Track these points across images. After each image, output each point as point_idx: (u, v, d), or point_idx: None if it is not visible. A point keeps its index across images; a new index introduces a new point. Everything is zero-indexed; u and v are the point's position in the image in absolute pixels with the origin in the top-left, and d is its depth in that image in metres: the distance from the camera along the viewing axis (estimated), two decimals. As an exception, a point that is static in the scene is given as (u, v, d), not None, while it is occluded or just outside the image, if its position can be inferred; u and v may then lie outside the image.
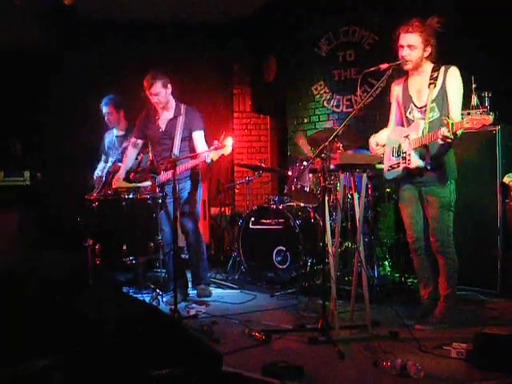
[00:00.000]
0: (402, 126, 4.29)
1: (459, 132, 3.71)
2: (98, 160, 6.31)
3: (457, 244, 4.19)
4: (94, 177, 6.18)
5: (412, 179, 4.17)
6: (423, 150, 3.97)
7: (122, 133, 6.12)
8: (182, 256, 5.86)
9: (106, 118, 6.12)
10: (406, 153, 4.09)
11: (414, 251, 4.31)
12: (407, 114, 4.24)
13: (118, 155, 5.92)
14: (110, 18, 7.84)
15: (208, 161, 4.82)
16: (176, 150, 5.16)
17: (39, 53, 7.55)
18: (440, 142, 3.84)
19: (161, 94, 5.18)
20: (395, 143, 4.22)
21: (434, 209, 4.12)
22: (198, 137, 5.26)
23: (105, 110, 6.08)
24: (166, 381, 2.63)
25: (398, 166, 4.17)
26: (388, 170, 4.29)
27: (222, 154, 4.83)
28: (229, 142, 4.79)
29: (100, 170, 6.19)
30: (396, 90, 4.39)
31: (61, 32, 7.46)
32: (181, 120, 5.25)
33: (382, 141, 4.40)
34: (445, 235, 4.11)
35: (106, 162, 6.17)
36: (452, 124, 3.67)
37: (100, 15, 7.71)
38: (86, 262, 4.65)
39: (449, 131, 3.68)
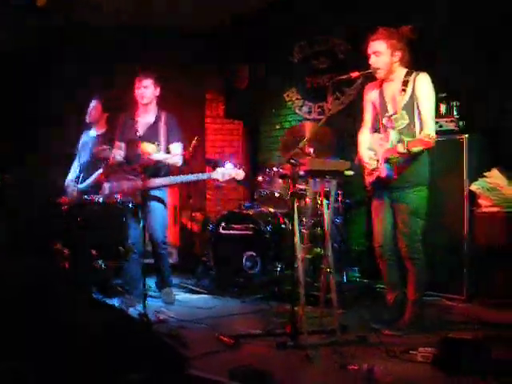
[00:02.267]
0: (378, 132, 4.34)
1: (414, 149, 3.80)
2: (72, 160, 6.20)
3: (424, 250, 4.24)
4: (66, 181, 6.03)
5: (385, 185, 4.22)
6: (392, 162, 4.03)
7: (97, 133, 6.05)
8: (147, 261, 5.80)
9: (89, 111, 6.06)
10: (378, 161, 4.14)
11: (380, 256, 4.34)
12: (383, 121, 4.27)
13: (89, 157, 5.86)
14: (84, 21, 7.81)
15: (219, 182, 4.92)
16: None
17: (21, 56, 7.49)
18: (396, 156, 3.92)
19: (149, 88, 5.25)
20: (373, 150, 4.27)
21: (402, 214, 4.17)
22: (178, 148, 5.28)
23: (92, 103, 6.05)
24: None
25: (374, 173, 4.21)
26: (367, 175, 4.34)
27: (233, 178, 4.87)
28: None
29: (72, 173, 6.05)
30: (372, 95, 4.41)
31: (47, 36, 7.41)
32: (162, 127, 5.25)
33: (368, 152, 4.36)
34: (413, 241, 4.16)
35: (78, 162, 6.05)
36: (408, 142, 3.79)
37: (74, 18, 7.67)
38: (54, 266, 4.61)
39: (404, 148, 3.79)
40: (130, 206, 4.90)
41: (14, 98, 7.28)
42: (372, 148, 4.30)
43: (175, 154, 5.19)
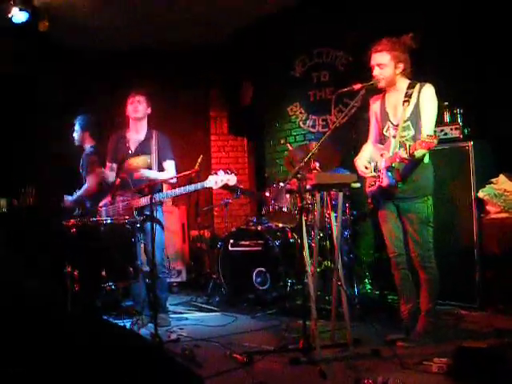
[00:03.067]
0: (381, 142, 4.34)
1: (417, 153, 3.77)
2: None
3: (436, 259, 4.22)
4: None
5: (389, 196, 4.21)
6: (394, 170, 4.03)
7: (89, 150, 6.04)
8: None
9: (73, 136, 6.15)
10: (380, 171, 4.14)
11: (396, 266, 4.32)
12: (384, 131, 4.29)
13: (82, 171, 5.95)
14: (86, 44, 7.89)
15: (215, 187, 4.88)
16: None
17: (12, 76, 7.57)
18: (398, 162, 3.91)
19: (142, 103, 5.31)
20: (374, 161, 4.27)
21: (412, 224, 4.16)
22: (170, 166, 5.31)
23: (75, 128, 6.14)
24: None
25: (375, 184, 4.22)
26: (369, 187, 4.34)
27: (226, 183, 4.86)
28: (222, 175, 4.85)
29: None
30: (374, 106, 4.44)
31: (35, 56, 7.48)
32: (153, 145, 5.28)
33: (366, 160, 4.38)
34: (425, 250, 4.15)
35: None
36: (409, 146, 3.76)
37: (77, 42, 7.76)
38: (65, 289, 4.60)
39: (406, 153, 3.77)
40: (139, 225, 4.90)
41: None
42: (372, 159, 4.31)
43: (170, 171, 5.22)
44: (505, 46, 5.40)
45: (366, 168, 4.31)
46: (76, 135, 6.13)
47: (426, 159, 4.13)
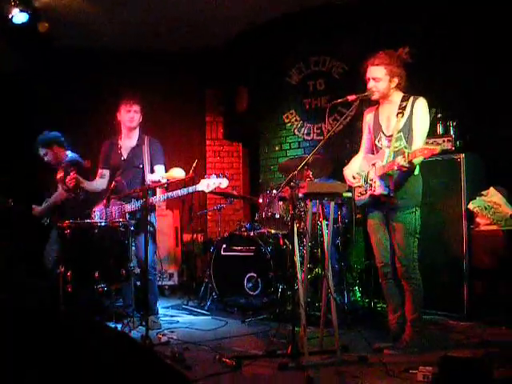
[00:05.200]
0: (373, 153, 4.40)
1: (416, 160, 3.82)
2: None
3: (424, 269, 4.28)
4: None
5: (378, 206, 4.27)
6: (387, 178, 4.08)
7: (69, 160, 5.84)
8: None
9: (47, 160, 5.90)
10: (372, 180, 4.20)
11: (384, 276, 4.37)
12: (376, 142, 4.34)
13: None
14: (80, 45, 7.94)
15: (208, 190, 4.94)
16: (148, 180, 5.23)
17: (12, 77, 7.59)
18: (396, 169, 3.95)
19: (138, 113, 5.38)
20: (365, 171, 4.33)
21: (399, 235, 4.21)
22: (161, 171, 5.36)
23: (41, 153, 5.88)
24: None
25: (366, 193, 4.27)
26: (358, 197, 4.39)
27: (218, 187, 4.92)
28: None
29: None
30: (368, 117, 4.49)
31: (34, 58, 7.50)
32: (145, 150, 5.33)
33: (355, 170, 4.43)
34: (410, 261, 4.19)
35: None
36: (408, 153, 3.80)
37: (70, 42, 7.79)
38: (57, 289, 4.64)
39: (405, 160, 3.80)
40: (132, 228, 4.95)
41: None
42: (362, 169, 4.36)
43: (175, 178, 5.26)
44: (499, 59, 5.49)
45: (354, 178, 4.36)
46: (49, 158, 5.88)
47: (416, 171, 4.18)
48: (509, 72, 5.43)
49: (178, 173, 5.08)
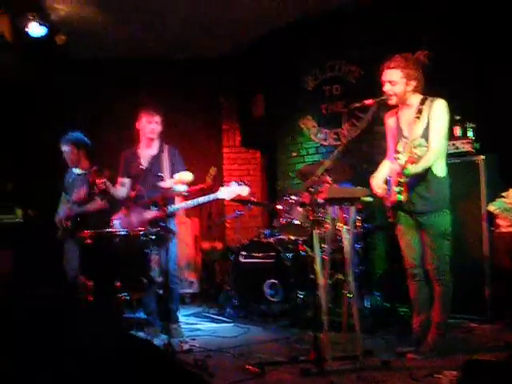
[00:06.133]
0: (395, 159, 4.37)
1: (407, 171, 3.87)
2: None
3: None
4: (56, 218, 5.89)
5: (408, 209, 4.24)
6: (402, 184, 4.05)
7: (82, 171, 5.80)
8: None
9: (65, 156, 5.84)
10: (386, 188, 4.20)
11: (412, 277, 4.34)
12: (398, 147, 4.30)
13: (78, 193, 5.72)
14: (96, 54, 8.04)
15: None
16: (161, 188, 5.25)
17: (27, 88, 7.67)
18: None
19: (159, 124, 5.40)
20: (390, 177, 4.30)
21: (430, 237, 4.20)
22: (187, 177, 5.38)
23: (64, 148, 5.82)
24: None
25: (390, 198, 4.24)
26: (386, 203, 4.35)
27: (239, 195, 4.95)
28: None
29: (62, 209, 5.90)
30: (389, 122, 4.47)
31: (50, 69, 7.59)
32: (165, 158, 5.36)
33: (381, 178, 4.37)
34: (442, 263, 4.19)
35: (67, 200, 5.92)
36: (405, 161, 3.88)
37: (87, 53, 7.89)
38: (79, 299, 4.67)
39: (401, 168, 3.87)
40: (153, 237, 4.97)
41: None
42: (389, 175, 4.34)
43: (184, 181, 5.29)
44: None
45: (379, 188, 4.31)
46: (70, 156, 5.81)
47: (442, 173, 4.17)
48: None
49: (185, 176, 5.11)
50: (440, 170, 4.18)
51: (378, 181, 4.35)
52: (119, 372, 2.78)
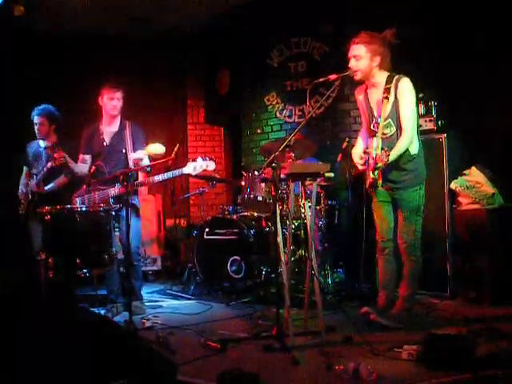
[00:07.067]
0: (369, 136, 4.33)
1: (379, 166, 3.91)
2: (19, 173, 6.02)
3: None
4: (19, 192, 5.87)
5: (384, 183, 4.23)
6: (377, 170, 4.02)
7: (48, 144, 5.76)
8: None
9: (36, 128, 5.77)
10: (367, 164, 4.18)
11: (381, 251, 4.39)
12: (371, 127, 4.33)
13: (43, 168, 5.58)
14: (59, 29, 7.81)
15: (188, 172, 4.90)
16: (131, 164, 5.19)
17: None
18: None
19: (121, 100, 5.32)
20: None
21: (403, 212, 4.25)
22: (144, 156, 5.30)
23: (36, 119, 5.75)
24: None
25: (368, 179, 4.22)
26: (366, 177, 4.33)
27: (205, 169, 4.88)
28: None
29: (23, 184, 5.88)
30: (359, 97, 4.47)
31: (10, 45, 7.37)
32: (128, 135, 5.28)
33: (361, 152, 4.35)
34: (412, 238, 4.24)
35: (29, 174, 5.88)
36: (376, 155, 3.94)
37: (46, 27, 7.67)
38: (39, 276, 4.60)
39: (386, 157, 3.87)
40: (114, 213, 4.90)
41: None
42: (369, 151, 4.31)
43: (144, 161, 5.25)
44: (479, 39, 5.48)
45: (361, 158, 4.27)
46: (41, 128, 5.76)
47: (414, 150, 4.19)
48: (490, 50, 5.43)
49: (157, 148, 5.04)
50: (414, 147, 4.20)
51: (357, 156, 4.35)
52: (75, 346, 2.74)
